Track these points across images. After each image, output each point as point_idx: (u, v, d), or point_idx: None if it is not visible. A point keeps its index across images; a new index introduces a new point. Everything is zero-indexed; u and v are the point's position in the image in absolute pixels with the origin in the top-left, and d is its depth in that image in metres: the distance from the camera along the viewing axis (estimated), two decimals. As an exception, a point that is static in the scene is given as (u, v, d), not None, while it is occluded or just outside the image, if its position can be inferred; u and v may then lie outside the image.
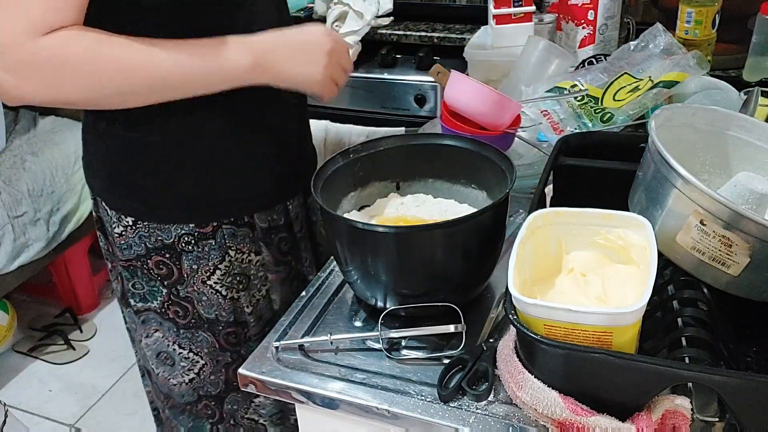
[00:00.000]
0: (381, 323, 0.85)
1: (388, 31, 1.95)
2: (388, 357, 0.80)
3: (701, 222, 0.68)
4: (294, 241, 1.11)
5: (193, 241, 1.02)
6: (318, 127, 2.01)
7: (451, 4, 1.99)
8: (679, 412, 0.65)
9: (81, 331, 2.34)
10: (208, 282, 1.04)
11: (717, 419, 0.68)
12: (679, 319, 0.73)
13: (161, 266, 1.04)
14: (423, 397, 0.74)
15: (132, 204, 1.01)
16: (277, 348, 0.83)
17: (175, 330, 1.09)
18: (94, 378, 2.17)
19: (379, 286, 0.83)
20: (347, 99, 2.00)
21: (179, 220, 1.00)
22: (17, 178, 2.05)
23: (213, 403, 1.17)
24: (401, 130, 1.89)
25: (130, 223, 1.01)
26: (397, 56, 1.95)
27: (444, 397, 0.73)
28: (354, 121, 2.00)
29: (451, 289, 0.84)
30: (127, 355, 2.24)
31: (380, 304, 0.84)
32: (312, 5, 2.08)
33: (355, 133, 1.99)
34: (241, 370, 0.80)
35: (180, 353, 1.12)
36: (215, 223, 1.01)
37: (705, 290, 0.74)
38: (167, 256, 1.02)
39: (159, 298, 1.07)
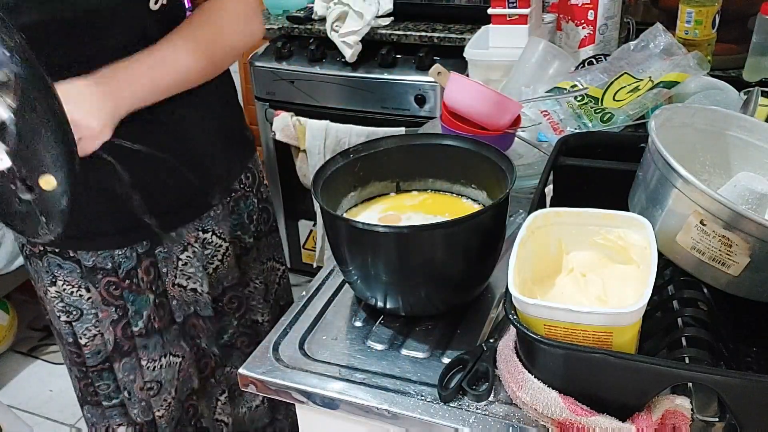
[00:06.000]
0: (381, 323, 0.85)
1: (388, 31, 1.95)
2: (389, 357, 0.80)
3: (701, 222, 0.68)
4: (126, 286, 1.04)
5: (27, 255, 1.04)
6: (318, 127, 2.01)
7: (451, 4, 1.99)
8: (679, 412, 0.65)
9: (81, 331, 2.34)
10: (46, 297, 1.05)
11: (717, 419, 0.68)
12: (679, 319, 0.73)
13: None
14: (423, 397, 0.74)
15: None
16: (277, 348, 0.83)
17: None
18: (94, 378, 2.17)
19: (379, 286, 0.83)
20: (347, 99, 2.00)
21: (15, 230, 1.00)
22: (17, 178, 2.05)
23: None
24: (401, 130, 1.89)
25: None
26: (397, 56, 1.95)
27: (444, 397, 0.73)
28: (354, 121, 2.00)
29: (451, 289, 0.84)
30: (127, 355, 2.24)
31: (380, 304, 0.84)
32: (312, 5, 2.08)
33: (355, 133, 1.99)
34: (241, 371, 0.80)
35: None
36: (41, 247, 1.01)
37: (705, 290, 0.74)
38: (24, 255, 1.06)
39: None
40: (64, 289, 1.03)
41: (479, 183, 0.93)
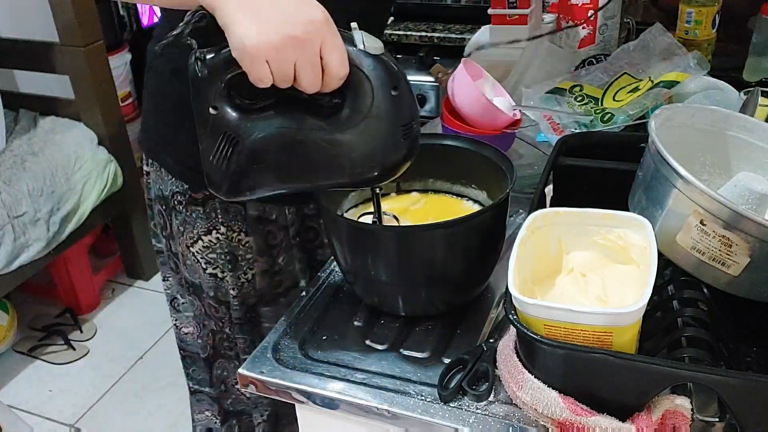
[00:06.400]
0: (381, 323, 0.85)
1: (388, 31, 1.95)
2: (389, 357, 0.80)
3: (701, 222, 0.68)
4: (282, 238, 1.07)
5: (183, 202, 1.01)
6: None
7: (451, 4, 1.99)
8: (679, 412, 0.65)
9: (81, 331, 2.34)
10: (192, 248, 1.03)
11: (717, 419, 0.68)
12: (679, 319, 0.73)
13: (161, 216, 1.06)
14: (423, 397, 0.74)
15: (149, 144, 1.03)
16: (277, 348, 0.83)
17: (176, 280, 1.12)
18: (94, 378, 2.17)
19: (379, 286, 0.83)
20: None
21: (178, 175, 1.00)
22: (17, 178, 2.05)
23: (203, 365, 1.17)
24: (401, 130, 1.89)
25: (148, 165, 1.05)
26: (398, 56, 1.95)
27: (444, 397, 0.73)
28: (354, 121, 2.00)
29: (451, 288, 0.84)
30: (128, 355, 2.24)
31: (380, 304, 0.84)
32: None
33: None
34: (240, 371, 0.80)
35: (183, 303, 1.14)
36: (207, 192, 0.99)
37: (705, 290, 0.74)
38: (164, 207, 1.04)
39: (163, 246, 1.10)
40: (227, 236, 1.02)
41: (479, 183, 0.93)
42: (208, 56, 0.67)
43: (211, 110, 0.70)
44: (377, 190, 0.83)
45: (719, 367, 0.68)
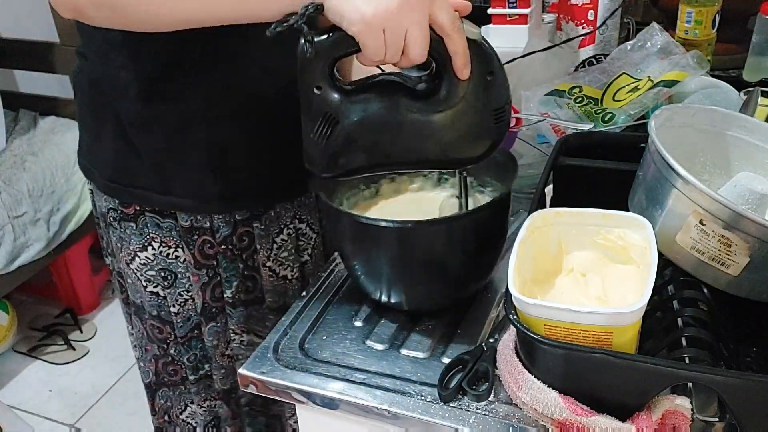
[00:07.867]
0: (381, 323, 0.85)
1: (388, 31, 1.95)
2: (389, 357, 0.80)
3: (701, 222, 0.68)
4: (217, 248, 1.02)
5: (118, 218, 1.00)
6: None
7: (451, 4, 1.99)
8: (679, 412, 0.65)
9: (81, 332, 2.34)
10: (131, 266, 1.02)
11: (717, 419, 0.68)
12: (679, 319, 0.73)
13: (102, 234, 1.05)
14: (423, 397, 0.74)
15: (82, 162, 1.04)
16: (277, 348, 0.83)
17: (121, 303, 1.10)
18: (94, 378, 2.17)
19: (382, 281, 0.83)
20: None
21: (108, 191, 0.99)
22: (17, 178, 2.05)
23: (147, 392, 1.15)
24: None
25: (89, 183, 1.05)
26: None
27: (444, 397, 0.73)
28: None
29: (453, 283, 0.84)
30: (128, 355, 2.23)
31: (384, 298, 0.84)
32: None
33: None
34: (241, 370, 0.80)
35: (128, 327, 1.13)
36: (138, 207, 0.98)
37: (705, 290, 0.74)
38: (104, 225, 1.03)
39: (110, 264, 1.08)
40: (161, 252, 1.00)
41: (482, 181, 0.93)
42: (317, 38, 0.69)
43: (315, 90, 0.72)
44: (464, 173, 0.85)
45: (719, 367, 0.68)
